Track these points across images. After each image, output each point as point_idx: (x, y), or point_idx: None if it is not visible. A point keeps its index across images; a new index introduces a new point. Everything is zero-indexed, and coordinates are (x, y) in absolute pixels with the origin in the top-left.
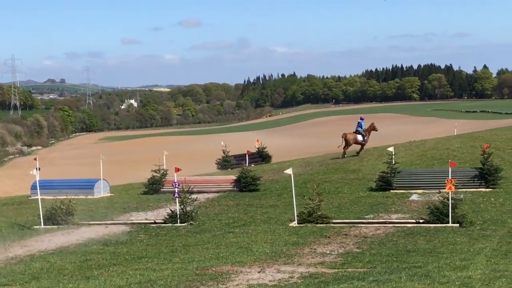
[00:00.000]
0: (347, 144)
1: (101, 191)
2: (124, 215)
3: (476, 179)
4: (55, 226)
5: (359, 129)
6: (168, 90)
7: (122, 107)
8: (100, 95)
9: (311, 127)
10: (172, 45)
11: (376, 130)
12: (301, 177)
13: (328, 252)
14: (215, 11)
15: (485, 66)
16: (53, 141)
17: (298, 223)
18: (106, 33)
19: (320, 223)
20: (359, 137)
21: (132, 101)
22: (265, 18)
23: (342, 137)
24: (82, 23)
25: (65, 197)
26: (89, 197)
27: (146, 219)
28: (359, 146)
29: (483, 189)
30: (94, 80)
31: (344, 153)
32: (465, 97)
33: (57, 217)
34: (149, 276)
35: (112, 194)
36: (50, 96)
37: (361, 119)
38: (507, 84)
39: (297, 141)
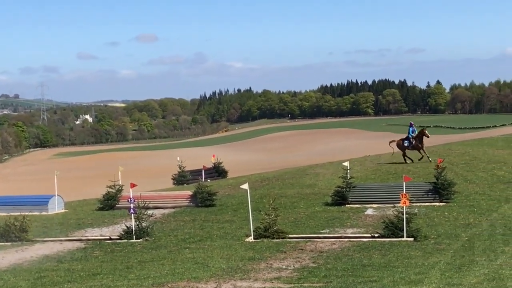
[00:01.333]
0: (400, 149)
1: (56, 207)
2: (79, 232)
3: (430, 193)
4: (9, 243)
5: (409, 135)
6: (124, 105)
7: (77, 122)
8: (54, 110)
9: (267, 142)
10: (129, 60)
11: (428, 137)
12: (257, 192)
13: (284, 267)
14: (172, 26)
15: (438, 82)
16: (7, 157)
17: (254, 238)
18: (62, 48)
19: (276, 238)
20: (406, 143)
21: (87, 117)
22: (222, 33)
23: (390, 145)
24: (37, 38)
25: (19, 213)
26: (43, 213)
27: (101, 235)
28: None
29: (437, 203)
30: (49, 95)
31: (405, 157)
32: (419, 112)
33: (10, 233)
34: None
35: (67, 210)
36: (4, 112)
37: (411, 125)
38: (460, 99)
39: (253, 156)
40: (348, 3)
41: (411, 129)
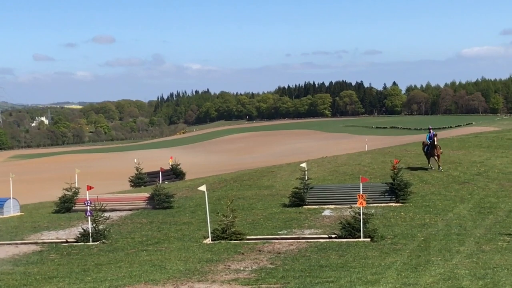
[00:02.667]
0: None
1: (11, 210)
2: (35, 235)
3: (387, 194)
4: None
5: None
6: (80, 107)
7: (33, 124)
8: (10, 112)
9: (225, 143)
10: (86, 61)
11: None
12: (215, 194)
13: (242, 268)
14: (130, 28)
15: (394, 83)
16: None
17: (212, 240)
18: (17, 50)
19: (234, 240)
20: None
21: (43, 119)
22: (180, 35)
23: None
24: None
25: None
26: None
27: (58, 238)
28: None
29: (394, 204)
30: (4, 97)
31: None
32: (376, 114)
33: None
34: None
35: (22, 213)
36: None
37: (431, 128)
38: (416, 100)
39: (211, 158)
40: (306, 5)
41: (429, 134)
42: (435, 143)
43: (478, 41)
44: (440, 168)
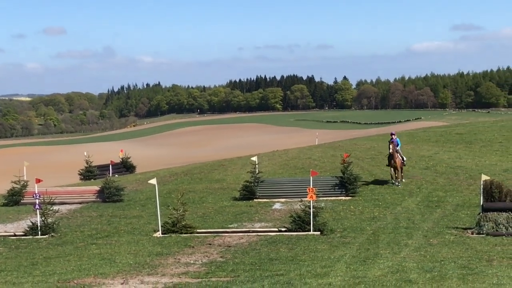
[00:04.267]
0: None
1: None
2: None
3: (337, 187)
4: None
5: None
6: (29, 99)
7: None
8: None
9: (176, 137)
10: (35, 53)
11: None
12: (166, 187)
13: (192, 262)
14: (81, 19)
15: (345, 78)
16: None
17: (162, 233)
18: None
19: (185, 233)
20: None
21: None
22: (131, 27)
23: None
24: None
25: None
26: None
27: (6, 232)
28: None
29: (343, 198)
30: None
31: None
32: (326, 108)
33: None
34: None
35: None
36: None
37: (393, 134)
38: (366, 95)
39: (162, 151)
40: None
41: (397, 139)
42: (390, 150)
43: (428, 36)
44: (398, 183)
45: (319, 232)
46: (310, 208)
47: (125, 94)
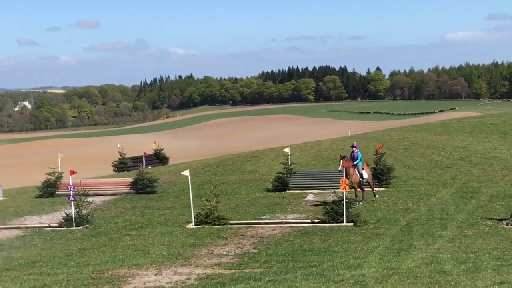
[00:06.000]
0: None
1: None
2: (18, 219)
3: None
4: None
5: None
6: (63, 91)
7: (16, 109)
8: None
9: (208, 128)
10: (69, 46)
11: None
12: (199, 179)
13: (225, 253)
14: (114, 12)
15: (378, 68)
16: None
17: (195, 225)
18: (1, 34)
19: (217, 224)
20: (365, 174)
21: (26, 103)
22: (164, 19)
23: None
24: None
25: None
26: None
27: (41, 223)
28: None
29: (377, 189)
30: None
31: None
32: (359, 99)
33: None
34: (43, 281)
35: (5, 198)
36: None
37: (354, 147)
38: (399, 85)
39: (194, 143)
40: None
41: (352, 154)
42: (339, 167)
43: (463, 26)
44: (358, 202)
45: (352, 224)
46: (343, 200)
47: (157, 86)
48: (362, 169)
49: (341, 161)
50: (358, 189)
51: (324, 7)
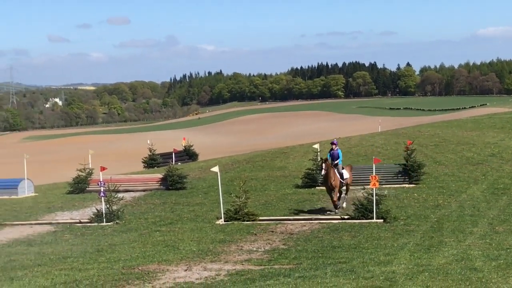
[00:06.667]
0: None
1: (25, 191)
2: (49, 215)
3: (400, 175)
4: None
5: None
6: (94, 88)
7: (47, 106)
8: (24, 93)
9: (237, 125)
10: (100, 42)
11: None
12: (228, 175)
13: (254, 249)
14: (144, 9)
15: (408, 64)
16: None
17: (225, 221)
18: (32, 31)
19: (247, 221)
20: (345, 174)
21: (57, 100)
22: (194, 16)
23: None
24: (8, 20)
25: None
26: (13, 197)
27: (71, 219)
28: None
29: (407, 185)
30: (18, 78)
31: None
32: (389, 95)
33: None
34: (74, 276)
35: (37, 194)
36: None
37: (334, 144)
38: (430, 81)
39: (224, 139)
40: None
41: (330, 152)
42: (323, 172)
43: (494, 21)
44: (338, 209)
45: (382, 220)
46: (373, 196)
47: (187, 82)
48: (343, 168)
49: (323, 164)
50: (337, 194)
51: (355, 3)
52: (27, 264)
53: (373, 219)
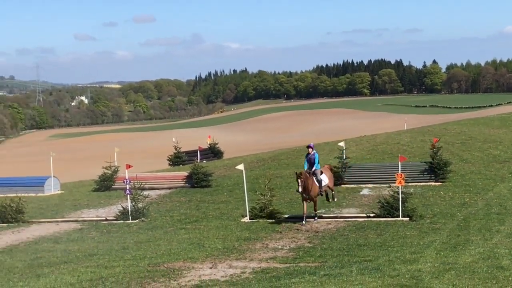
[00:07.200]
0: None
1: (52, 189)
2: (75, 213)
3: (426, 173)
4: (5, 224)
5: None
6: (119, 86)
7: (73, 104)
8: (50, 92)
9: (262, 122)
10: (126, 41)
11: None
12: (253, 173)
13: (279, 247)
14: (169, 7)
15: (434, 61)
16: (2, 138)
17: (250, 219)
18: (59, 29)
19: (272, 218)
20: (324, 179)
21: (83, 98)
22: (219, 14)
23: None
24: (34, 18)
25: (15, 195)
26: (39, 194)
27: (97, 216)
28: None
29: (433, 183)
30: (44, 76)
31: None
32: (415, 92)
33: (7, 215)
34: (100, 273)
35: (63, 192)
36: None
37: (311, 147)
38: (456, 79)
39: (249, 137)
40: None
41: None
42: (298, 184)
43: None
44: (305, 220)
45: (408, 218)
46: (399, 194)
47: (212, 80)
48: (322, 173)
49: (299, 180)
50: (315, 203)
51: (381, 0)
52: (54, 261)
53: (399, 217)
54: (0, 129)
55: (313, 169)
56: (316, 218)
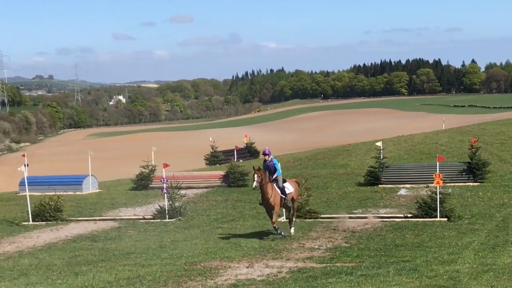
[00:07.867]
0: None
1: (90, 187)
2: (113, 211)
3: (464, 173)
4: (44, 223)
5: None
6: (156, 86)
7: (111, 103)
8: (88, 91)
9: (299, 122)
10: (164, 40)
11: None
12: (290, 172)
13: (316, 247)
14: (207, 7)
15: (473, 61)
16: (42, 137)
17: (286, 218)
18: (98, 29)
19: (309, 218)
20: (288, 187)
21: (121, 97)
22: (257, 13)
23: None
24: (75, 18)
25: (53, 193)
26: (77, 193)
27: (135, 215)
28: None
29: (471, 183)
30: (83, 76)
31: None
32: (454, 92)
33: (45, 213)
34: (137, 272)
35: (101, 190)
36: (38, 92)
37: (267, 154)
38: (495, 78)
39: (285, 136)
40: None
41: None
42: (254, 185)
43: None
44: (279, 233)
45: (446, 219)
46: (437, 194)
47: (249, 80)
48: (284, 181)
49: (255, 175)
50: (275, 213)
51: None
52: (92, 260)
53: (437, 217)
54: (39, 128)
55: (274, 176)
56: (278, 233)
